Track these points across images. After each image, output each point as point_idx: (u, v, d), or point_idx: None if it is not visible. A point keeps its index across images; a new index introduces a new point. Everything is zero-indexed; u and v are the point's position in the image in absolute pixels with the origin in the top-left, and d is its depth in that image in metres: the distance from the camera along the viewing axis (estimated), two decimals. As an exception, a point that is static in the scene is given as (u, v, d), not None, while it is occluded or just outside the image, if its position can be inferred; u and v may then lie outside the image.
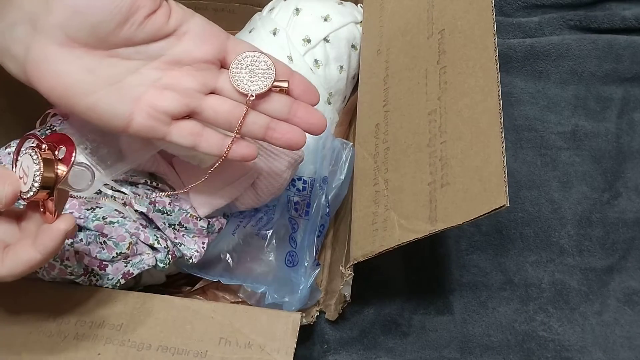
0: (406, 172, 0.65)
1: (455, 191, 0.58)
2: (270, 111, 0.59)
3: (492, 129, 0.57)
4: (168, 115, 0.56)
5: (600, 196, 0.91)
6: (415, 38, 0.72)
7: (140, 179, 0.69)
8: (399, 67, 0.73)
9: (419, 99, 0.67)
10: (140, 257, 0.66)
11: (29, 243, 0.50)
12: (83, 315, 0.62)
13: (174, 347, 0.60)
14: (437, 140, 0.63)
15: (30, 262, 0.49)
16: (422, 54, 0.70)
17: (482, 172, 0.56)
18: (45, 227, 0.50)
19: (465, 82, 0.62)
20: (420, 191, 0.62)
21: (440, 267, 0.87)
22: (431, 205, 0.60)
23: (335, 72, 0.85)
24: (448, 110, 0.63)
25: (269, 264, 0.75)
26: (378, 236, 0.64)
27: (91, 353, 0.60)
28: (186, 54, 0.56)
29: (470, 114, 0.60)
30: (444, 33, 0.68)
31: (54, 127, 0.70)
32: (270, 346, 0.60)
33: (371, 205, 0.67)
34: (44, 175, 0.49)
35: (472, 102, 0.60)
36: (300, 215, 0.79)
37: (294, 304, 0.73)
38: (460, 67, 0.64)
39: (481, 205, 0.54)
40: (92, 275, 0.64)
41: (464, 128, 0.60)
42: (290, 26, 0.84)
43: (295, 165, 0.73)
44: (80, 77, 0.54)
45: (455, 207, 0.57)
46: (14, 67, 0.55)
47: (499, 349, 0.81)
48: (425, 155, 0.63)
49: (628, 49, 0.99)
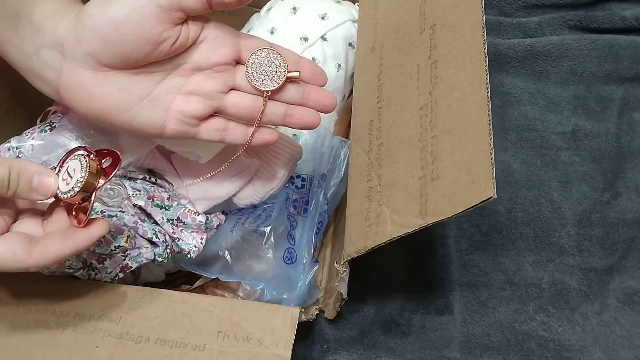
0: (398, 167, 0.65)
1: (445, 185, 0.58)
2: (286, 99, 0.63)
3: (481, 121, 0.57)
4: (196, 118, 0.60)
5: (600, 196, 0.91)
6: (407, 34, 0.73)
7: (139, 175, 0.70)
8: (392, 64, 0.73)
9: (411, 94, 0.68)
10: (139, 251, 0.66)
11: (59, 238, 0.52)
12: (82, 309, 0.62)
13: (172, 341, 0.60)
14: (428, 134, 0.63)
15: (59, 256, 0.52)
16: (414, 50, 0.70)
17: (471, 164, 0.56)
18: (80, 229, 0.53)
19: (455, 75, 0.62)
20: (411, 186, 0.62)
21: (440, 267, 0.87)
22: (422, 200, 0.60)
23: (333, 70, 0.85)
24: (439, 105, 0.63)
25: (267, 261, 0.75)
26: (371, 232, 0.64)
27: (89, 346, 0.60)
28: (205, 59, 0.59)
29: (460, 107, 0.60)
30: (435, 28, 0.68)
31: (53, 124, 0.70)
32: (269, 340, 0.60)
33: (365, 201, 0.67)
34: (87, 180, 0.52)
35: (462, 95, 0.60)
36: (298, 213, 0.79)
37: (292, 300, 0.73)
38: (451, 61, 0.64)
39: (469, 197, 0.54)
40: (91, 269, 0.65)
41: (454, 121, 0.60)
42: (288, 25, 0.84)
43: (294, 162, 0.73)
44: (115, 97, 0.57)
45: (444, 201, 0.57)
46: (46, 89, 0.59)
47: (499, 348, 0.81)
48: (417, 150, 0.63)
49: (628, 49, 0.99)
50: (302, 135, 0.82)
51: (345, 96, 0.90)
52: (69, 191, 0.53)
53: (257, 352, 0.59)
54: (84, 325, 0.61)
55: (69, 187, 0.53)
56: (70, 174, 0.54)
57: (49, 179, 0.54)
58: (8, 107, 0.82)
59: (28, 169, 0.53)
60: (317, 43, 0.84)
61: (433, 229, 0.89)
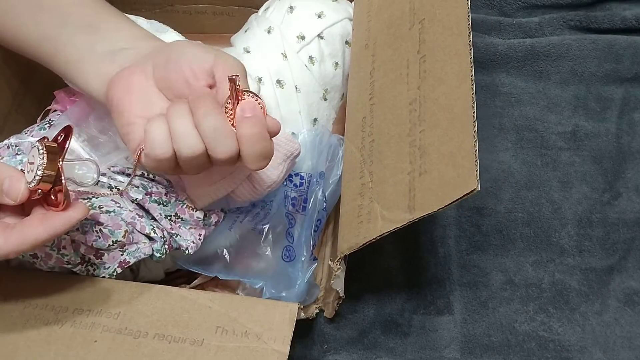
0: (389, 163, 0.65)
1: (432, 178, 0.58)
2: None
3: (466, 113, 0.57)
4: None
5: (600, 196, 0.91)
6: (398, 30, 0.73)
7: (137, 172, 0.70)
8: (384, 60, 0.74)
9: (401, 89, 0.68)
10: (137, 246, 0.66)
11: (35, 222, 0.52)
12: (80, 304, 0.63)
13: (171, 336, 0.60)
14: (416, 129, 0.63)
15: (37, 240, 0.52)
16: (404, 45, 0.70)
17: (456, 157, 0.56)
18: (58, 213, 0.53)
19: (442, 69, 0.63)
20: (400, 181, 0.62)
21: (441, 267, 0.87)
22: (410, 194, 0.60)
23: (330, 68, 0.85)
24: (427, 99, 0.63)
25: (266, 259, 0.76)
26: (362, 228, 0.64)
27: (88, 340, 0.60)
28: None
29: (447, 100, 0.60)
30: (424, 22, 0.68)
31: (52, 121, 0.70)
32: (267, 335, 0.60)
33: (357, 198, 0.68)
34: (48, 161, 0.53)
35: (448, 88, 0.61)
36: (297, 211, 0.80)
37: (291, 298, 0.73)
38: (438, 55, 0.64)
39: (454, 190, 0.54)
40: (89, 265, 0.65)
41: (441, 115, 0.60)
42: (284, 24, 0.85)
43: (292, 159, 0.73)
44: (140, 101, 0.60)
45: (431, 195, 0.57)
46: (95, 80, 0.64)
47: (499, 349, 0.81)
48: (406, 145, 0.63)
49: (628, 49, 0.99)
50: (301, 133, 0.82)
51: (343, 94, 0.90)
52: (34, 178, 0.53)
53: (255, 347, 0.59)
54: (83, 320, 0.62)
55: (32, 174, 0.53)
56: (31, 163, 0.54)
57: (19, 184, 0.54)
58: (9, 109, 0.83)
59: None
60: (314, 41, 0.84)
61: (433, 229, 0.89)
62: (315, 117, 0.84)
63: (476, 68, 0.98)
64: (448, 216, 0.90)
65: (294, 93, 0.82)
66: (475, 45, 1.00)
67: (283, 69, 0.82)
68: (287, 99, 0.82)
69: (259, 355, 0.59)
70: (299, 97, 0.82)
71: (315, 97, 0.84)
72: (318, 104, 0.84)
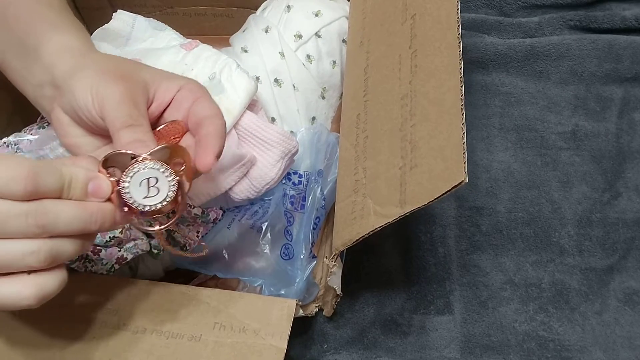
0: (381, 158, 0.65)
1: (422, 172, 0.58)
2: None
3: (455, 106, 0.57)
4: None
5: (600, 196, 0.91)
6: (392, 26, 0.73)
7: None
8: (377, 56, 0.74)
9: (394, 84, 0.68)
10: (134, 242, 0.67)
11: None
12: (79, 301, 0.63)
13: (169, 331, 0.61)
14: (408, 123, 0.63)
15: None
16: (397, 41, 0.70)
17: (445, 150, 0.56)
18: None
19: (432, 63, 0.63)
20: (392, 176, 0.62)
21: (441, 267, 0.87)
22: (401, 189, 0.60)
23: (328, 67, 0.85)
24: (417, 93, 0.63)
25: (264, 257, 0.76)
26: (356, 224, 0.65)
27: (86, 337, 0.60)
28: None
29: (436, 94, 0.60)
30: (416, 17, 0.68)
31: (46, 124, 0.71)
32: (265, 331, 0.60)
33: (351, 194, 0.68)
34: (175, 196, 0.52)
35: (438, 82, 0.61)
36: (296, 209, 0.79)
37: (290, 296, 0.73)
38: (429, 49, 0.64)
39: (443, 183, 0.54)
40: (87, 261, 0.65)
41: (431, 109, 0.60)
42: (282, 23, 0.85)
43: (290, 156, 0.73)
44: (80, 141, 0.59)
45: (421, 189, 0.57)
46: (45, 115, 0.63)
47: (499, 349, 0.81)
48: (398, 140, 0.63)
49: (628, 49, 0.99)
50: (299, 132, 0.82)
51: (342, 93, 0.90)
52: (160, 202, 0.51)
53: (253, 342, 0.60)
54: (81, 316, 0.62)
55: (156, 200, 0.51)
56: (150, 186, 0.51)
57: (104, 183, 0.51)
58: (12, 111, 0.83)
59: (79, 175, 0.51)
60: (312, 40, 0.84)
61: (433, 229, 0.89)
62: (313, 116, 0.84)
63: (476, 68, 1.00)
64: (448, 216, 0.90)
65: (292, 92, 0.82)
66: (475, 45, 1.01)
67: (281, 68, 0.82)
68: (285, 97, 0.82)
69: (257, 351, 0.59)
70: (297, 95, 0.82)
71: (313, 96, 0.84)
72: (316, 103, 0.85)
